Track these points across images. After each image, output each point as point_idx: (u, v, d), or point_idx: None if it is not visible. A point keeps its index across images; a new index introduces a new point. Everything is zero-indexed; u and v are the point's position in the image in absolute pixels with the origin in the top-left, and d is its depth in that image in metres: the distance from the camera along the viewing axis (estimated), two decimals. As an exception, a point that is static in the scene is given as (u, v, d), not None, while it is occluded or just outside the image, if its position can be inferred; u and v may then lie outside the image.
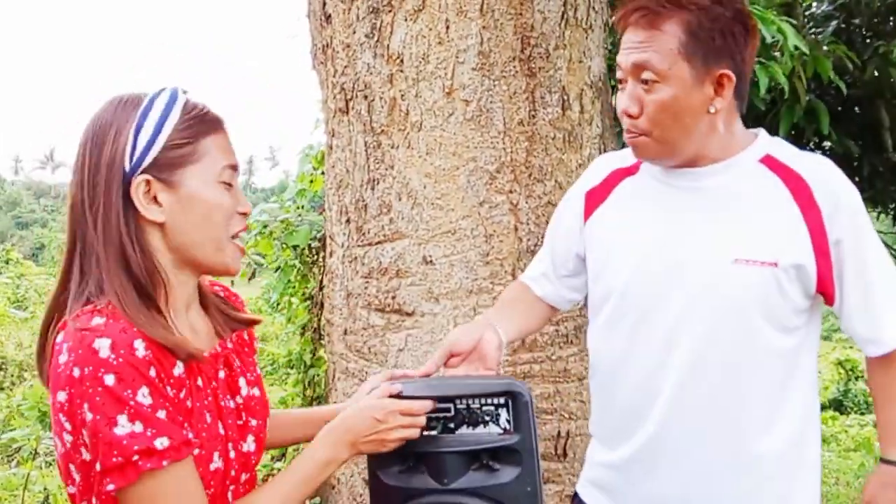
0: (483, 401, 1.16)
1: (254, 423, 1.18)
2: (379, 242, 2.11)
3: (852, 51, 3.43)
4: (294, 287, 3.19)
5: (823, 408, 9.97)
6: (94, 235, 1.04)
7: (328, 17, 2.18)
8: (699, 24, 1.24)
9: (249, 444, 1.16)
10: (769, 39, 2.71)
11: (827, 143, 4.10)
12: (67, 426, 0.98)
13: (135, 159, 1.04)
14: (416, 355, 2.05)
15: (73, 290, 1.05)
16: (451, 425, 1.17)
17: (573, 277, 1.54)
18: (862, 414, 10.50)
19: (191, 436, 1.01)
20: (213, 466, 1.08)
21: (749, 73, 1.34)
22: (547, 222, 1.70)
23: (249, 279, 3.48)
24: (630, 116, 1.29)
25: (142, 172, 1.04)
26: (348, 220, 2.21)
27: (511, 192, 2.03)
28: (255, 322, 1.26)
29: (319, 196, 3.04)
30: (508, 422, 1.16)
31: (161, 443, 0.96)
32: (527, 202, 2.03)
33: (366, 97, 2.09)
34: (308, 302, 3.10)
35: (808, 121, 3.43)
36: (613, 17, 1.37)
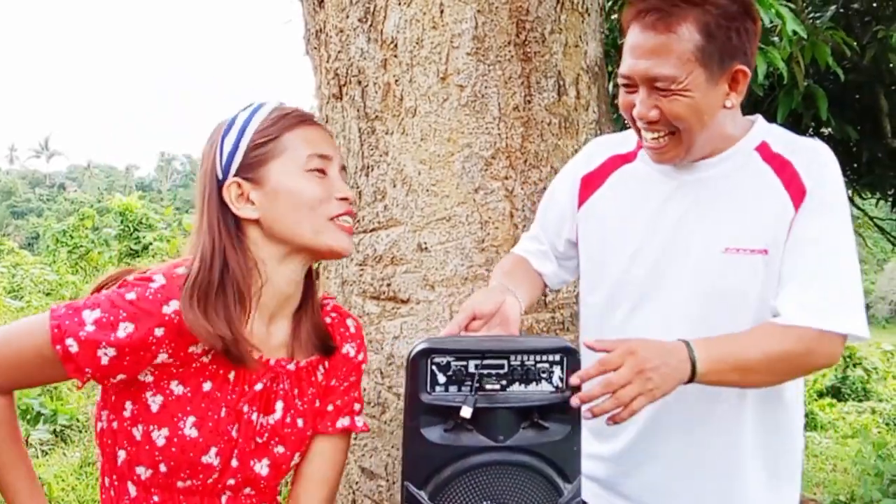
0: (538, 357, 1.13)
1: (279, 449, 1.16)
2: (374, 230, 2.09)
3: (851, 36, 3.41)
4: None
5: (821, 395, 9.99)
6: (201, 239, 1.14)
7: (321, 2, 2.16)
8: (717, 24, 1.21)
9: (262, 467, 1.15)
10: (768, 24, 2.69)
11: (826, 130, 4.09)
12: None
13: (223, 166, 1.15)
14: (411, 343, 2.03)
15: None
16: (504, 382, 1.12)
17: (566, 259, 1.55)
18: (860, 401, 10.54)
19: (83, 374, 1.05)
20: (205, 459, 1.07)
21: (754, 65, 1.34)
22: (543, 208, 1.68)
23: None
24: (650, 122, 1.27)
25: (233, 177, 1.14)
26: (343, 208, 2.19)
27: (506, 178, 2.01)
28: (336, 365, 1.25)
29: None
30: (561, 379, 1.13)
31: (71, 342, 1.03)
32: (522, 188, 2.01)
33: (359, 83, 2.07)
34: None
35: (806, 107, 3.41)
36: (621, 15, 1.34)
